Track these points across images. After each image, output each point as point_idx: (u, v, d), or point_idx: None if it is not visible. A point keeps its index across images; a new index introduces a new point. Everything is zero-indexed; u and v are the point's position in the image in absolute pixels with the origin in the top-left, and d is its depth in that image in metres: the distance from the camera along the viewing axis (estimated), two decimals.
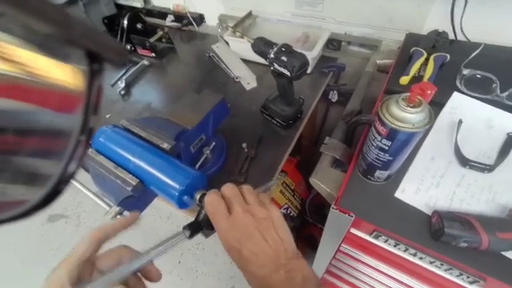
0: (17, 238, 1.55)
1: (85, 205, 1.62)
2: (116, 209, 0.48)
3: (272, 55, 0.58)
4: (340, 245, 0.60)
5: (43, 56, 0.16)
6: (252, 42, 0.62)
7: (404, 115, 0.36)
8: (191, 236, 0.35)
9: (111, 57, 0.16)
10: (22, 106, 0.18)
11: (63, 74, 0.16)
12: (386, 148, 0.40)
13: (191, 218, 0.38)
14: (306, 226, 1.15)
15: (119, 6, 1.22)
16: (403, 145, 0.39)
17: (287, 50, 0.57)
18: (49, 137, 0.18)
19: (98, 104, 0.15)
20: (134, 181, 0.45)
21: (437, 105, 0.55)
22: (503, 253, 0.39)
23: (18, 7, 0.10)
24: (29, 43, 0.15)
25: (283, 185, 1.05)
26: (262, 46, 0.60)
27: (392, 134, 0.38)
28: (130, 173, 0.47)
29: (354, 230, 0.52)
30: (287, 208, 1.04)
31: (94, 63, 0.15)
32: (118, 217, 0.49)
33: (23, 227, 1.58)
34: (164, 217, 1.55)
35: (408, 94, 0.36)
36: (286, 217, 1.08)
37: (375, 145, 0.42)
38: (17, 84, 0.17)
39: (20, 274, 1.42)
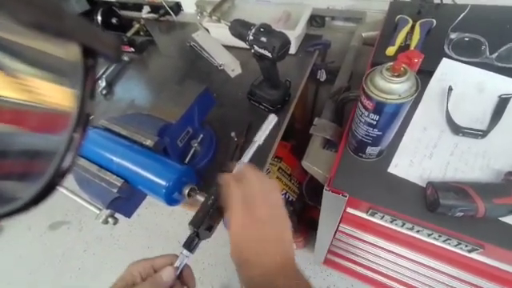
0: (21, 248, 1.55)
1: (85, 209, 1.58)
2: (106, 212, 0.47)
3: (251, 37, 0.55)
4: (338, 225, 0.59)
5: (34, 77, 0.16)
6: (229, 25, 0.58)
7: (390, 86, 0.34)
8: None
9: (106, 51, 0.15)
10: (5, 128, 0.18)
11: (53, 95, 0.16)
12: (375, 123, 0.39)
13: (192, 214, 0.37)
14: (308, 210, 1.15)
15: (91, 2, 1.16)
16: (392, 117, 0.37)
17: (266, 30, 0.54)
18: (32, 158, 0.17)
19: (93, 89, 0.15)
20: (118, 182, 0.44)
21: (426, 73, 0.53)
22: (500, 218, 0.39)
23: None
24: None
25: (279, 171, 1.04)
26: (239, 28, 0.57)
27: (379, 108, 0.36)
28: (114, 174, 0.45)
29: (350, 210, 0.51)
30: (285, 193, 1.04)
31: (88, 58, 0.15)
32: (110, 220, 0.48)
33: (26, 237, 1.57)
34: (166, 213, 1.55)
35: (391, 63, 0.34)
36: (285, 202, 1.08)
37: (363, 120, 0.40)
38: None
39: (29, 284, 1.43)
